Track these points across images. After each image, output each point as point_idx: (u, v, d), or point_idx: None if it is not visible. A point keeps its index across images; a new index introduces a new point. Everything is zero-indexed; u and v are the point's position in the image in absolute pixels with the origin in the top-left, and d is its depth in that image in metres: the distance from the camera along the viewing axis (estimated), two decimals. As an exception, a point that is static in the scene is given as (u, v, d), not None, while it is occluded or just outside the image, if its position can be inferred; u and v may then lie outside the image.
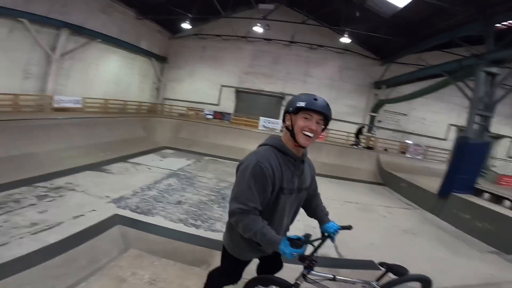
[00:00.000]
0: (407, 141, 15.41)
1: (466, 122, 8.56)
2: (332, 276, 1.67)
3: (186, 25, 14.29)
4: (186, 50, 17.63)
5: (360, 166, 12.67)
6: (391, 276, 1.67)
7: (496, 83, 8.11)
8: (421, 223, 7.04)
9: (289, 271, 1.81)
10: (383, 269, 1.70)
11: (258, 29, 14.01)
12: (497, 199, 7.99)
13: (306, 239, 1.31)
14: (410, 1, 9.90)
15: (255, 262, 1.91)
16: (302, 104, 1.33)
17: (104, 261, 2.82)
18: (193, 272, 2.30)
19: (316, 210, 1.78)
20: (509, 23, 9.11)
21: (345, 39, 13.02)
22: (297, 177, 1.48)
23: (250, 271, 1.86)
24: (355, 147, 14.11)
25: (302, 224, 2.48)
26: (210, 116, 16.17)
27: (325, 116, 1.37)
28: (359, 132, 14.47)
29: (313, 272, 1.56)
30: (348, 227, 1.62)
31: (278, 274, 1.87)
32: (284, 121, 1.47)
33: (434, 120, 16.11)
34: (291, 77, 16.81)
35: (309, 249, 1.48)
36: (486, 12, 8.24)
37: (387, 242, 5.26)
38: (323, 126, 1.40)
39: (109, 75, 14.24)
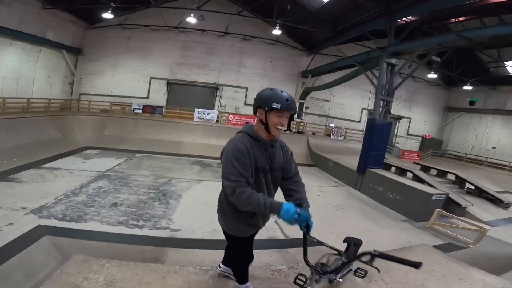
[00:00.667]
0: (330, 124, 17.25)
1: (373, 106, 10.03)
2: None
3: (107, 15, 12.64)
4: (107, 41, 15.66)
5: (293, 150, 13.57)
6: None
7: (395, 72, 9.69)
8: (347, 199, 8.07)
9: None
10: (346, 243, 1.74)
11: (191, 19, 13.38)
12: (402, 171, 9.71)
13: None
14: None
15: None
16: (277, 106, 1.52)
17: (44, 272, 2.57)
18: (149, 268, 2.22)
19: (293, 192, 1.83)
20: (407, 18, 10.88)
21: (277, 31, 13.54)
22: (269, 158, 1.68)
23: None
24: (288, 132, 15.05)
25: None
26: (139, 111, 14.97)
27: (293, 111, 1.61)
28: (290, 118, 15.51)
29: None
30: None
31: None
32: (255, 113, 1.64)
33: (350, 105, 18.40)
34: (225, 68, 16.74)
35: None
36: (391, 8, 9.63)
37: (324, 219, 5.83)
38: (288, 118, 1.63)
39: (5, 70, 11.76)
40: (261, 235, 4.71)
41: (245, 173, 1.52)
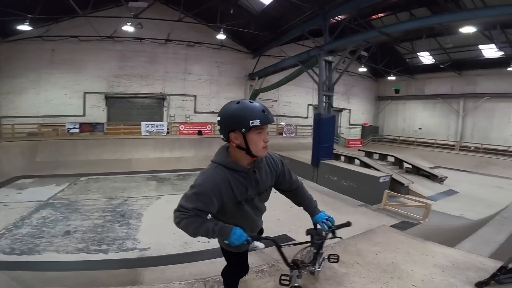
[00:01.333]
0: (281, 123, 17.90)
1: (317, 102, 10.73)
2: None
3: (24, 27, 11.03)
4: (27, 55, 13.59)
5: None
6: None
7: (332, 68, 10.53)
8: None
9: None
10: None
11: (128, 28, 12.45)
12: (350, 159, 10.56)
13: (257, 237, 1.44)
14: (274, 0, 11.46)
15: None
16: (256, 122, 1.27)
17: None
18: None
19: (303, 204, 1.78)
20: (339, 17, 11.87)
21: (221, 35, 13.49)
22: (252, 187, 1.47)
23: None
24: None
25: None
26: (76, 130, 13.47)
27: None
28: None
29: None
30: (347, 224, 1.65)
31: None
32: (227, 139, 1.37)
33: (297, 102, 19.38)
34: (170, 76, 16.05)
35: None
36: (324, 8, 10.40)
37: (289, 215, 5.82)
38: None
39: None
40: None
41: (201, 211, 1.34)
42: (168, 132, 14.65)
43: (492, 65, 15.60)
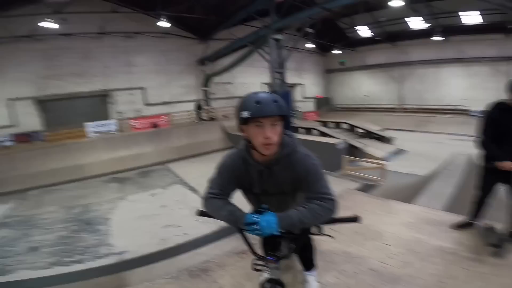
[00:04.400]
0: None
1: (270, 79, 10.89)
2: None
3: None
4: None
5: (210, 138, 13.65)
6: None
7: (281, 46, 10.72)
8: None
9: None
10: None
11: (49, 24, 10.87)
12: (308, 130, 11.09)
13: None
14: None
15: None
16: (246, 114, 1.14)
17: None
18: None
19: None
20: None
21: (164, 23, 12.70)
22: (259, 182, 1.34)
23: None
24: (199, 122, 14.97)
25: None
26: (10, 143, 11.81)
27: (278, 115, 1.17)
28: (198, 108, 15.46)
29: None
30: (354, 219, 1.35)
31: None
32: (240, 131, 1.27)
33: (252, 82, 19.36)
34: (111, 71, 14.70)
35: None
36: None
37: None
38: (280, 125, 1.20)
39: None
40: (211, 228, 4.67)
41: (223, 186, 1.32)
42: (119, 130, 13.64)
43: (420, 35, 17.32)
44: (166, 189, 7.95)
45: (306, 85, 23.36)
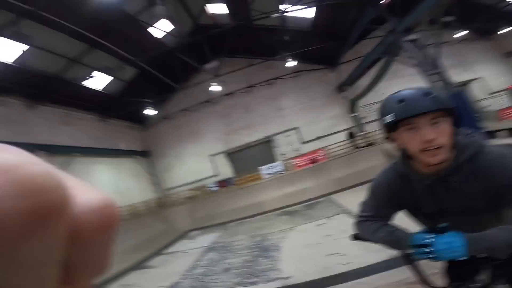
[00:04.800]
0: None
1: (427, 85, 9.17)
2: None
3: (150, 111, 14.55)
4: (162, 136, 18.04)
5: (370, 165, 12.79)
6: None
7: (423, 45, 9.02)
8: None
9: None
10: None
11: (215, 88, 14.31)
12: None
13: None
14: (316, 11, 11.71)
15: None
16: (389, 118, 0.99)
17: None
18: None
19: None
20: None
21: (291, 62, 13.82)
22: (430, 200, 1.08)
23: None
24: (356, 150, 14.50)
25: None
26: (216, 188, 16.30)
27: (437, 110, 0.95)
28: (351, 136, 15.19)
29: None
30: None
31: None
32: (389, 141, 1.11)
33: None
34: (267, 118, 17.25)
35: None
36: None
37: None
38: (446, 122, 0.96)
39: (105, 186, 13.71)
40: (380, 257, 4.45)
41: (377, 207, 1.20)
42: (285, 170, 15.60)
43: None
44: (330, 219, 8.16)
45: (485, 78, 17.52)
